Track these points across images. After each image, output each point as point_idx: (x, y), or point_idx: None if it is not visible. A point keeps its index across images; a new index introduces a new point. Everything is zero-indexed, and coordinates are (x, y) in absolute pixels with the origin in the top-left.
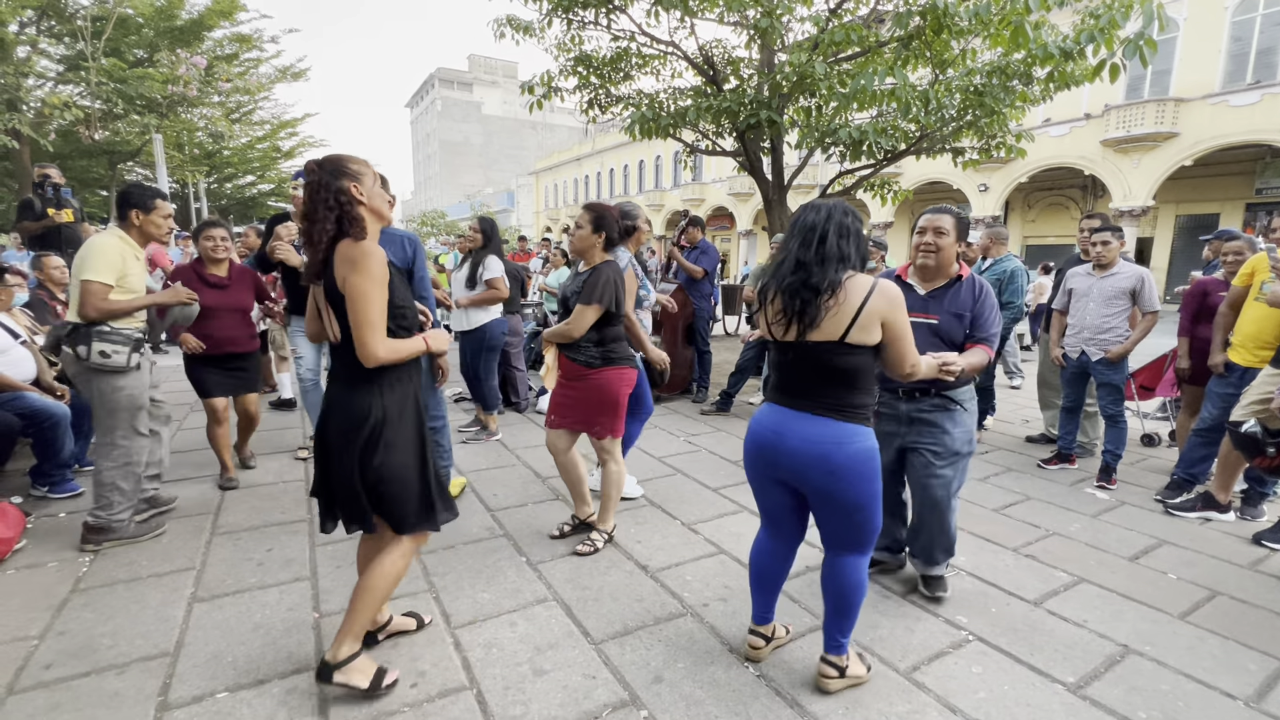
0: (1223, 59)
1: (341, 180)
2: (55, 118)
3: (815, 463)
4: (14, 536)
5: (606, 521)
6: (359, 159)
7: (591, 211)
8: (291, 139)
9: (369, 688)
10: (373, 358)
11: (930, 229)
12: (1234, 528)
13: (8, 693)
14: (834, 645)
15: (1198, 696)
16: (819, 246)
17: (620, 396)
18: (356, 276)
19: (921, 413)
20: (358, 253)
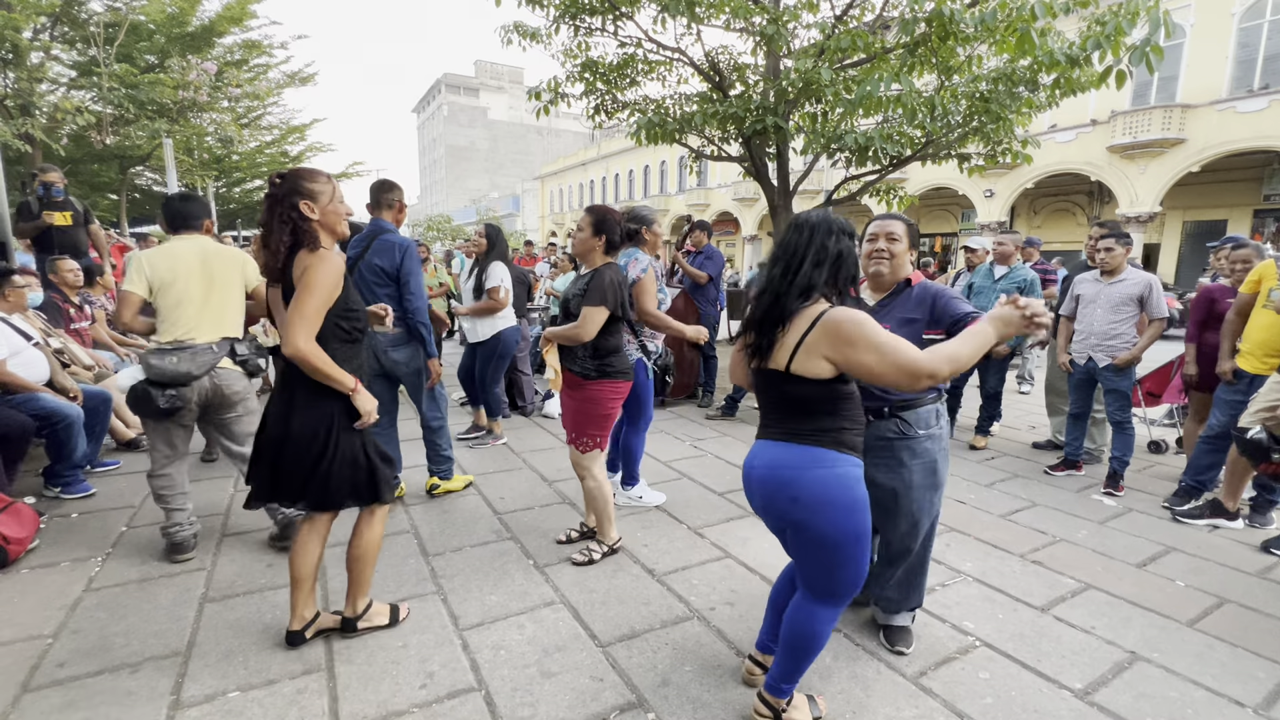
0: (1230, 65)
1: (295, 197)
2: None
3: (778, 489)
4: (28, 537)
5: (607, 535)
6: (321, 175)
7: (593, 214)
8: (299, 144)
9: (389, 622)
10: (292, 345)
11: (882, 235)
12: (1242, 535)
13: (23, 690)
14: (772, 686)
15: (1206, 704)
16: (794, 274)
17: (612, 410)
18: (312, 273)
19: (876, 441)
20: (312, 259)
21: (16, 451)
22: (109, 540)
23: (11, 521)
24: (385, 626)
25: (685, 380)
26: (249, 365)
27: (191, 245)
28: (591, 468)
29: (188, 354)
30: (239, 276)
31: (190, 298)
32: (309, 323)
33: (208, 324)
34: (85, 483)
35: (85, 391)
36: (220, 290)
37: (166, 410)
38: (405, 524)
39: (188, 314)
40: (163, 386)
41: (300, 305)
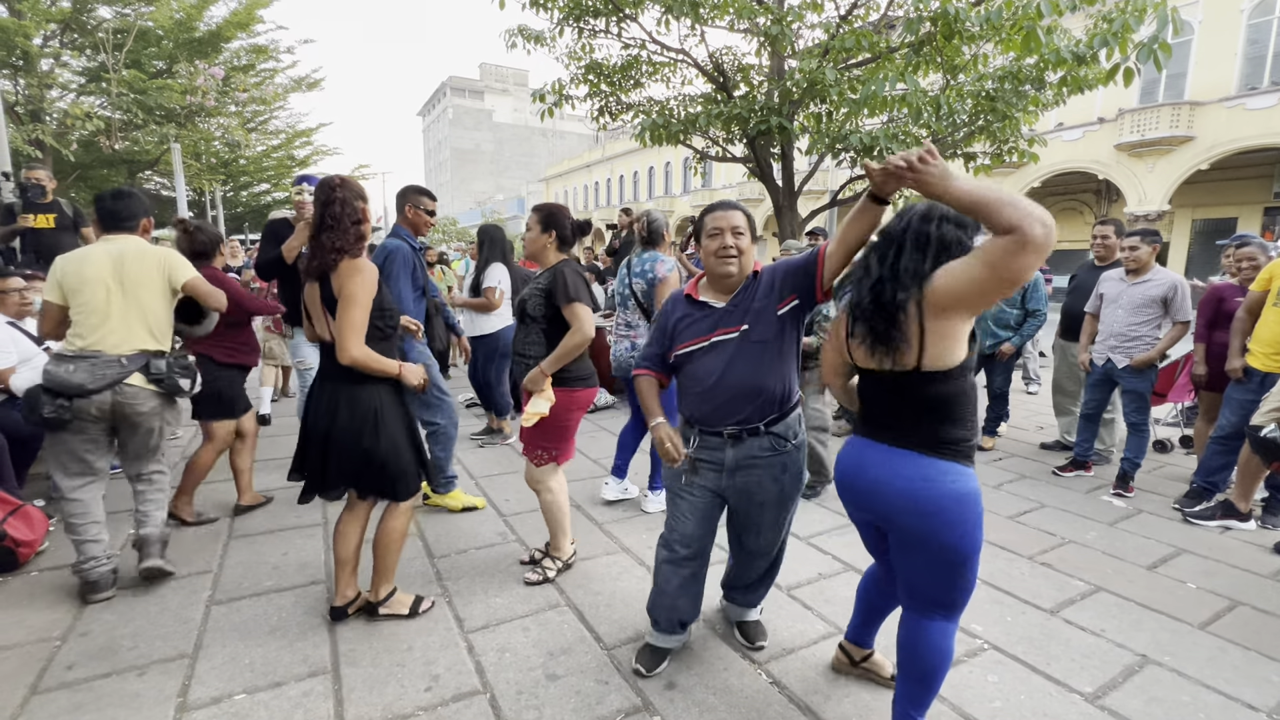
0: (1239, 61)
1: (359, 201)
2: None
3: (901, 501)
4: (38, 539)
5: (561, 549)
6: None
7: (539, 211)
8: (306, 148)
9: (410, 612)
10: (348, 356)
11: (727, 229)
12: (1255, 537)
13: (31, 693)
14: (903, 715)
15: (1219, 708)
16: (895, 259)
17: (569, 421)
18: (354, 284)
19: (750, 459)
20: (356, 267)
21: (26, 455)
22: (117, 543)
23: (22, 524)
24: (405, 616)
25: None
26: (165, 384)
27: (108, 248)
28: (547, 481)
29: (86, 364)
30: (159, 279)
31: (96, 305)
32: (358, 332)
33: (117, 334)
34: None
35: None
36: (135, 296)
37: (50, 420)
38: (410, 526)
39: (92, 322)
40: (54, 395)
41: (349, 318)
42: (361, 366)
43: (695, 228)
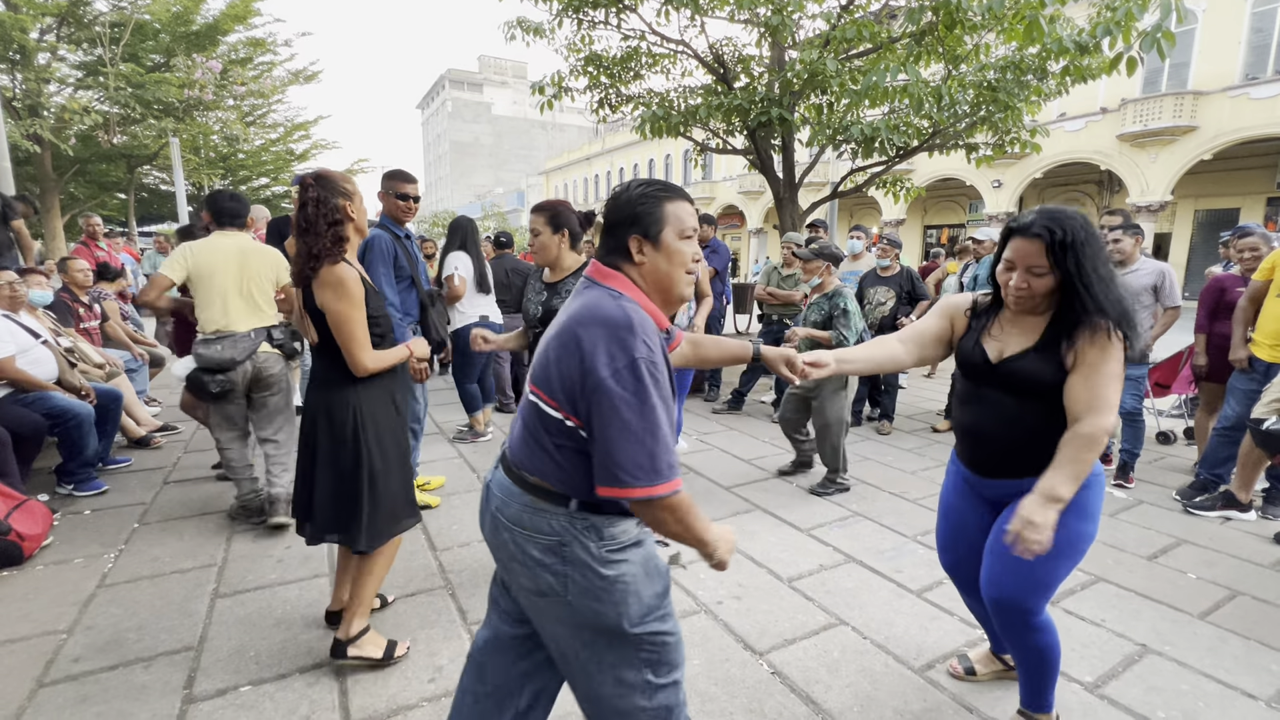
0: (1243, 50)
1: (338, 198)
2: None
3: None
4: (42, 534)
5: None
6: (350, 179)
7: (543, 211)
8: (304, 141)
9: (382, 657)
10: (363, 369)
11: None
12: (1255, 527)
13: (38, 685)
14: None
15: (1218, 697)
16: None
17: None
18: (339, 304)
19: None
20: (336, 279)
21: (29, 450)
22: (121, 537)
23: (25, 519)
24: (376, 661)
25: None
26: (285, 348)
27: (232, 242)
28: None
29: (229, 342)
30: (272, 274)
31: (228, 291)
32: (363, 343)
33: (244, 315)
34: (97, 480)
35: (95, 389)
36: (254, 284)
37: (218, 394)
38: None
39: (222, 305)
40: (212, 372)
41: (350, 334)
42: (379, 370)
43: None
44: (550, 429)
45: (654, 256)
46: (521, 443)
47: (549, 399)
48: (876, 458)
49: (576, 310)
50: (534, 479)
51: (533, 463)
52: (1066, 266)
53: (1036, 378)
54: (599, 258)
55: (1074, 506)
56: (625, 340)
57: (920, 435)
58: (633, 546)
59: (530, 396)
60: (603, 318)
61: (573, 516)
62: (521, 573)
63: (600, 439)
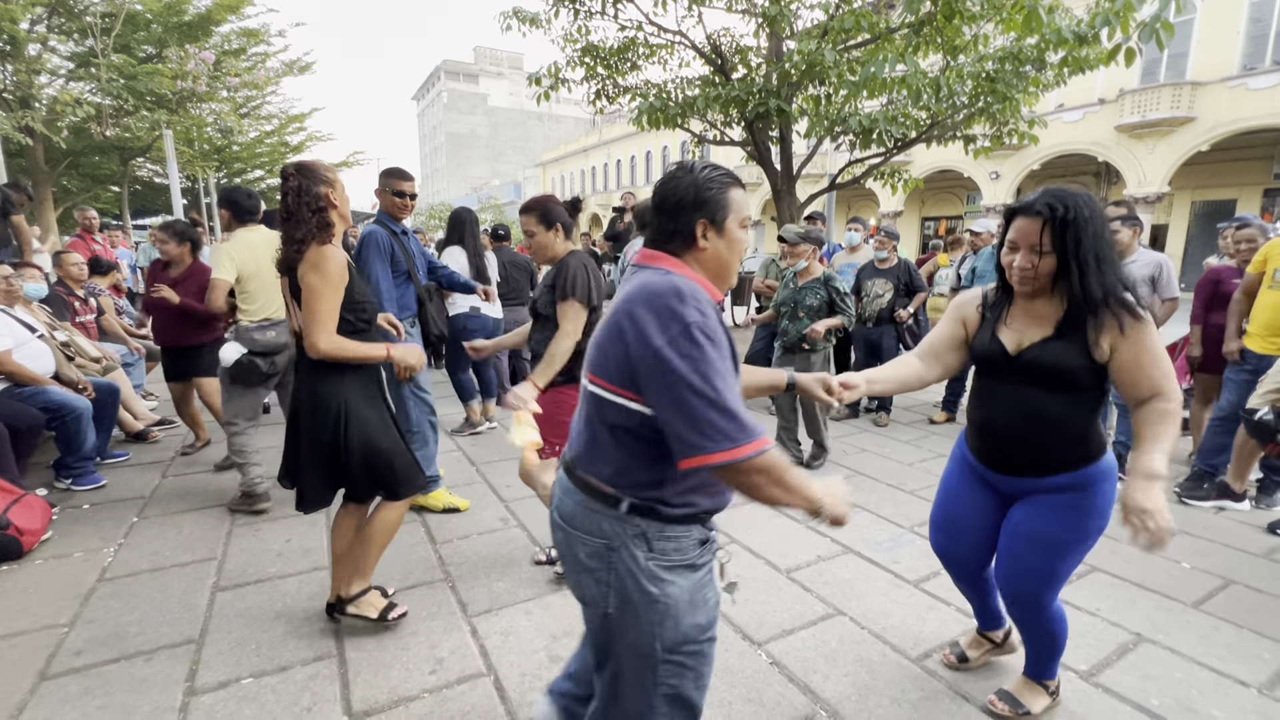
0: (1241, 41)
1: (321, 186)
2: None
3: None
4: (40, 528)
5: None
6: (330, 168)
7: (533, 210)
8: (299, 133)
9: (378, 617)
10: (314, 349)
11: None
12: (1249, 517)
13: (41, 678)
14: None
15: (1211, 684)
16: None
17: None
18: (314, 276)
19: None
20: (319, 256)
21: (27, 444)
22: (121, 531)
23: (24, 513)
24: (372, 620)
25: None
26: None
27: (259, 236)
28: (542, 477)
29: (280, 327)
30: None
31: (271, 281)
32: (324, 324)
33: (280, 302)
34: (95, 474)
35: (93, 384)
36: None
37: (268, 375)
38: (413, 514)
39: (268, 295)
40: (264, 356)
41: (312, 311)
42: (334, 358)
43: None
44: (610, 416)
45: (716, 243)
46: (581, 437)
47: (608, 384)
48: (874, 449)
49: (627, 293)
50: (588, 477)
51: (590, 456)
52: (1066, 244)
53: (1061, 365)
54: (650, 242)
55: (1087, 505)
56: (675, 308)
57: (917, 427)
58: (685, 569)
59: (590, 387)
60: (650, 291)
61: (623, 520)
62: (570, 577)
63: (668, 411)
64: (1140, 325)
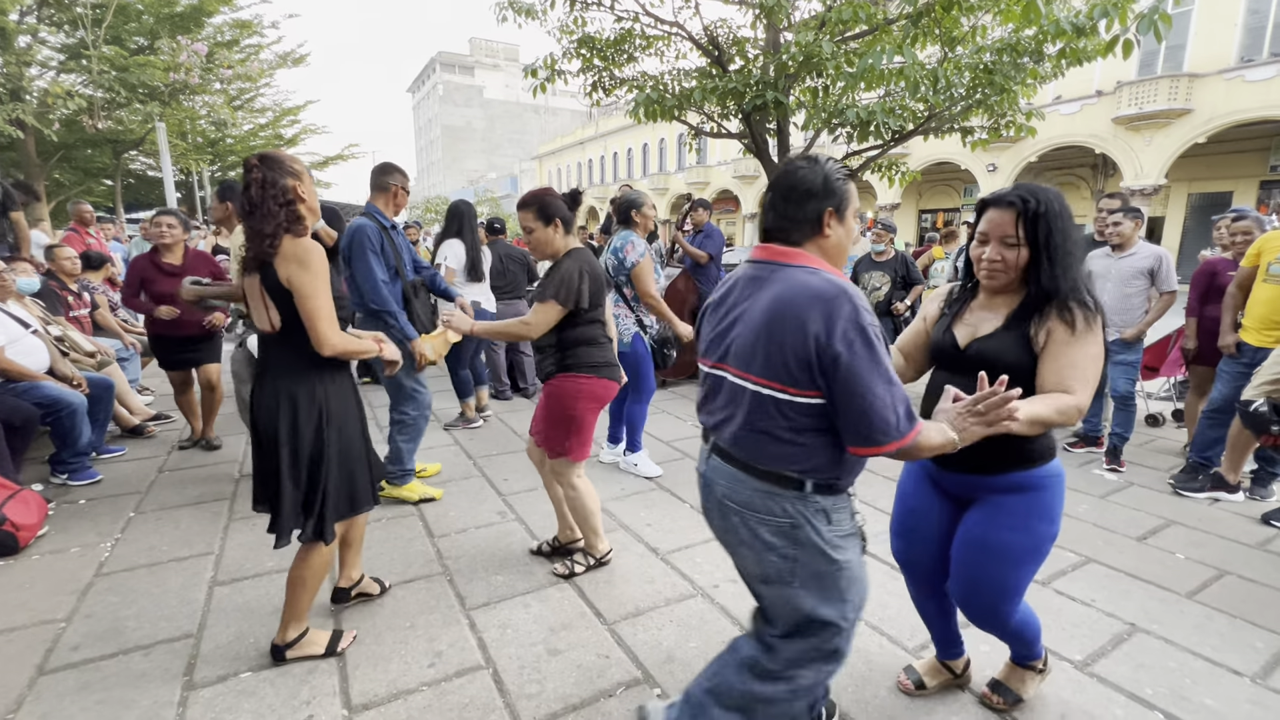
0: (1239, 32)
1: (288, 179)
2: (58, 107)
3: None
4: (37, 523)
5: (595, 548)
6: (297, 159)
7: (531, 206)
8: (293, 126)
9: (326, 652)
10: (329, 346)
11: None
12: (1243, 508)
13: (38, 673)
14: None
15: (1204, 674)
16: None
17: (579, 412)
18: (305, 274)
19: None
20: (302, 250)
21: (22, 440)
22: (118, 526)
23: (20, 508)
24: (319, 657)
25: (687, 360)
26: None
27: None
28: (568, 477)
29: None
30: None
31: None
32: (329, 320)
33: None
34: (92, 469)
35: (88, 378)
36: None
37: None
38: (411, 508)
39: None
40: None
41: (316, 307)
42: (343, 354)
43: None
44: (788, 414)
45: (838, 230)
46: (745, 436)
47: (785, 386)
48: None
49: (785, 295)
50: (766, 465)
51: (765, 453)
52: (1037, 237)
53: (1001, 359)
54: (771, 232)
55: (1037, 508)
56: (848, 312)
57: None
58: (853, 537)
59: (758, 389)
60: (821, 295)
61: (806, 499)
62: (749, 557)
63: (848, 407)
64: (1092, 328)
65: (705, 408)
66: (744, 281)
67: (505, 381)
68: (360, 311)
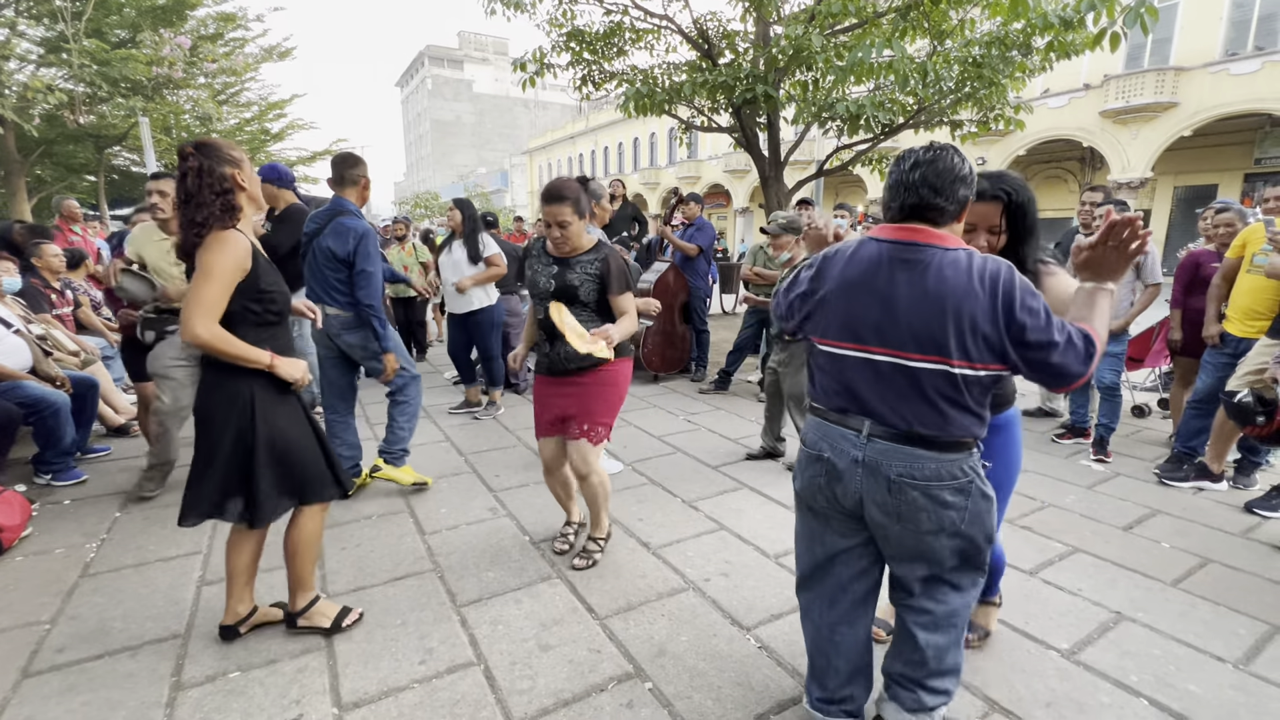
0: (1224, 26)
1: (225, 167)
2: (38, 102)
3: None
4: (20, 524)
5: (601, 527)
6: (237, 147)
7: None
8: (280, 120)
9: (331, 626)
10: (192, 335)
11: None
12: (1227, 497)
13: (22, 676)
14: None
15: (1188, 660)
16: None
17: (624, 392)
18: (205, 257)
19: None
20: (216, 239)
21: (3, 441)
22: (103, 526)
23: (3, 509)
24: (325, 631)
25: (678, 355)
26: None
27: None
28: (595, 459)
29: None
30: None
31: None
32: (206, 309)
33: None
34: (76, 469)
35: (71, 378)
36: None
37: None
38: (402, 504)
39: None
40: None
41: (197, 292)
42: (209, 349)
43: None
44: (975, 389)
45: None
46: (927, 414)
47: (976, 364)
48: None
49: (959, 277)
50: (948, 436)
51: (951, 425)
52: (1017, 223)
53: None
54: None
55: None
56: (1022, 284)
57: None
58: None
59: (948, 370)
60: (996, 274)
61: (972, 455)
62: (925, 520)
63: (1042, 363)
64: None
65: (844, 393)
66: (889, 263)
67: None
68: (347, 311)
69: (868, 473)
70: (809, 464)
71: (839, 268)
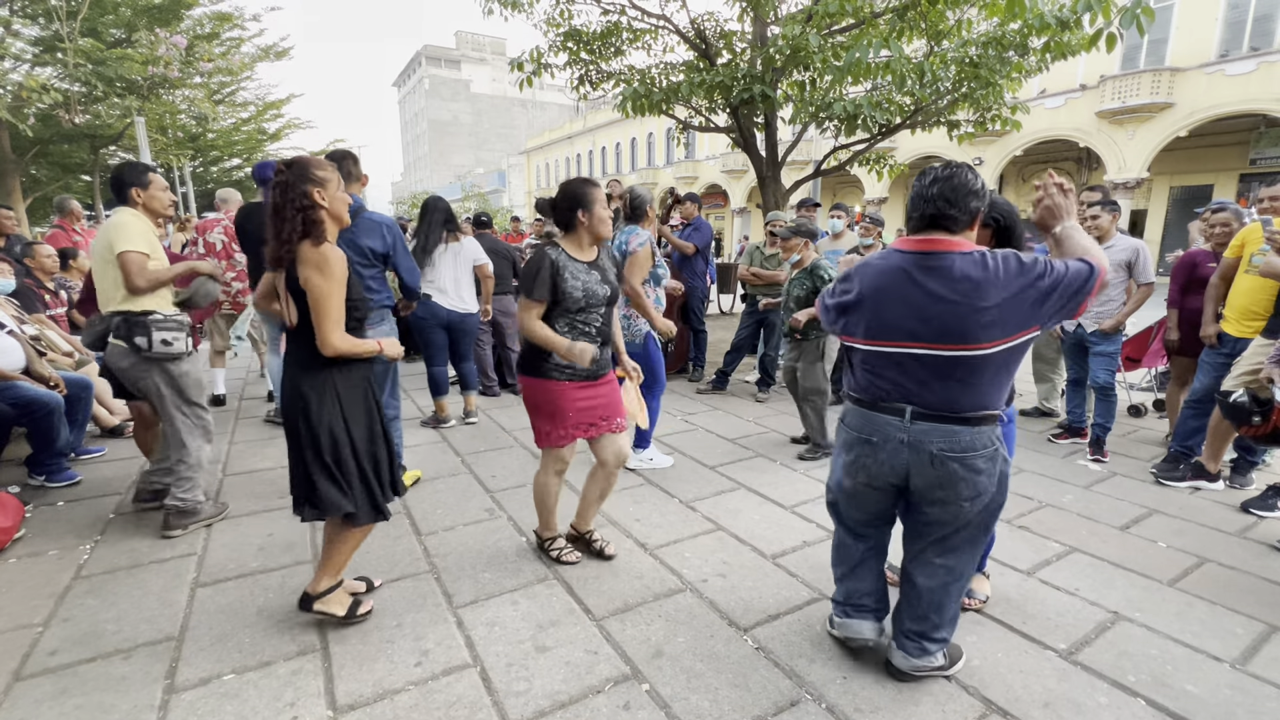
0: (1219, 27)
1: (307, 185)
2: (33, 101)
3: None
4: (13, 526)
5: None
6: (327, 164)
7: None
8: (277, 120)
9: (345, 615)
10: (332, 348)
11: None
12: (1223, 496)
13: (14, 679)
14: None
15: (1185, 660)
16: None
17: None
18: (320, 279)
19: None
20: (320, 257)
21: None
22: (97, 527)
23: None
24: (338, 619)
25: (676, 355)
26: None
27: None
28: (544, 460)
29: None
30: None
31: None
32: (335, 321)
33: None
34: (70, 470)
35: (65, 378)
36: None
37: None
38: (398, 505)
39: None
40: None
41: (326, 310)
42: (349, 354)
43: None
44: (1009, 365)
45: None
46: (962, 395)
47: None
48: None
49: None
50: (982, 413)
51: (982, 401)
52: (1006, 242)
53: None
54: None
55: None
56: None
57: None
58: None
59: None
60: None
61: (998, 428)
62: (964, 487)
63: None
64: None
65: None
66: (915, 271)
67: (493, 378)
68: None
69: (912, 451)
70: (855, 445)
71: (870, 278)
